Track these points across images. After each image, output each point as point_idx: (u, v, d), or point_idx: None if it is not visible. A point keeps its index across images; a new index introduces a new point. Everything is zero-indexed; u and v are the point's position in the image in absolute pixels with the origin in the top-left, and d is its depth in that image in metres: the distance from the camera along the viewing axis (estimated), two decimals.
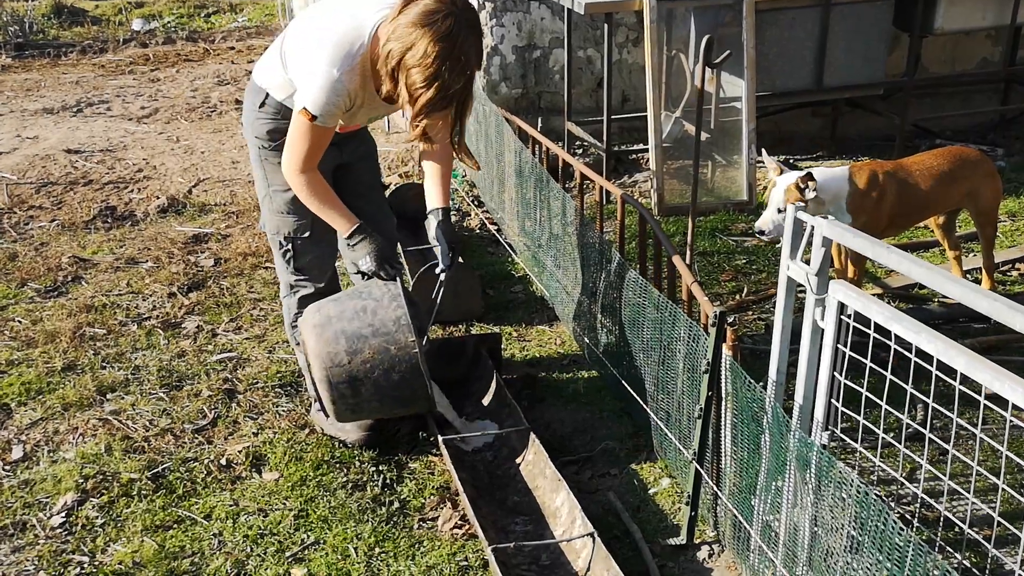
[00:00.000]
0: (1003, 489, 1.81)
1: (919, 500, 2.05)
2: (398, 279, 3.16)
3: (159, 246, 5.39)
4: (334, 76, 2.79)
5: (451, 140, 2.96)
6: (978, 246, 4.47)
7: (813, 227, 2.27)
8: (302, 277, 3.39)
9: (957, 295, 1.84)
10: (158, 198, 6.22)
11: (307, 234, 3.30)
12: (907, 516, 2.18)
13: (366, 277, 3.21)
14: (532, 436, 3.36)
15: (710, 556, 2.86)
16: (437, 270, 3.31)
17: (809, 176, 3.64)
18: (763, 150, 4.11)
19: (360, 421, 3.36)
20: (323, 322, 3.09)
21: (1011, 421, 1.70)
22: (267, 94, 3.12)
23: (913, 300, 4.39)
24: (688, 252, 4.20)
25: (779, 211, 3.76)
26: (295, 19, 3.06)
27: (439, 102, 2.73)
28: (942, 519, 2.02)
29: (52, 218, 5.94)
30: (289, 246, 3.32)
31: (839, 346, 2.23)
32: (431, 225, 3.26)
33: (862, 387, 2.16)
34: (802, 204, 3.34)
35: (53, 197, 6.40)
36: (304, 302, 3.38)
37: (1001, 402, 1.72)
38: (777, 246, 4.76)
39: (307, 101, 2.84)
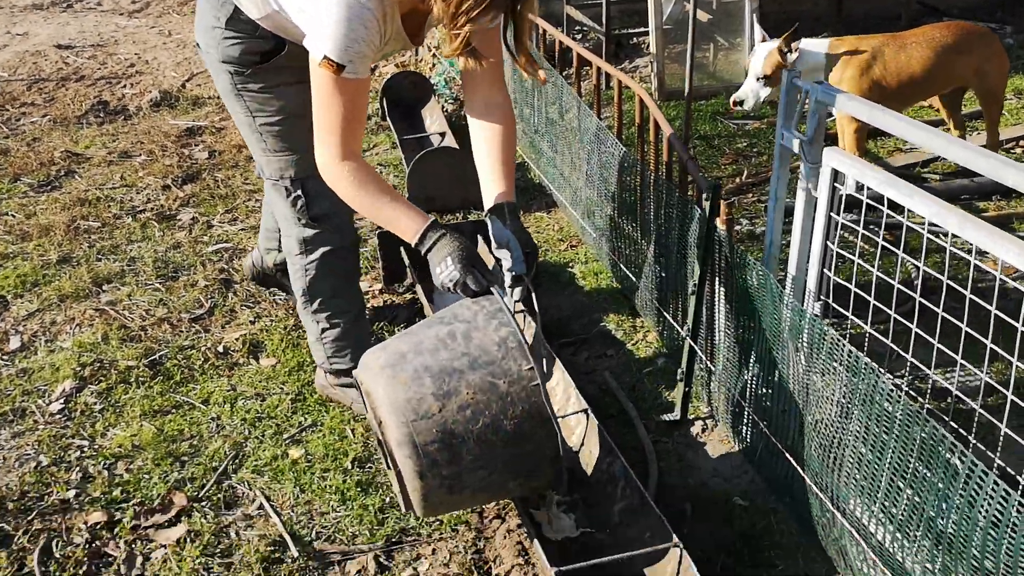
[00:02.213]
0: (992, 350, 1.79)
1: (908, 366, 2.04)
2: (495, 290, 2.29)
3: (152, 140, 5.32)
4: (355, 1, 2.10)
5: (503, 40, 2.22)
6: (983, 124, 4.38)
7: (808, 92, 2.20)
8: (320, 229, 2.76)
9: (953, 156, 1.79)
10: (151, 92, 6.12)
11: None
12: (898, 387, 2.17)
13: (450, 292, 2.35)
14: (528, 319, 3.34)
15: (703, 431, 2.88)
16: (508, 280, 2.36)
17: (793, 37, 3.55)
18: (756, 26, 3.99)
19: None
20: (394, 360, 2.17)
21: (1002, 281, 1.67)
22: (234, 7, 2.47)
23: (914, 180, 4.32)
24: (685, 131, 4.12)
25: (758, 79, 3.72)
26: None
27: None
28: (931, 385, 2.01)
29: (44, 114, 5.86)
30: (299, 191, 2.68)
31: (832, 215, 2.19)
32: (495, 225, 2.38)
33: (855, 263, 2.13)
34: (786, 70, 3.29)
35: (45, 93, 6.30)
36: (329, 259, 2.81)
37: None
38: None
39: (325, 45, 2.12)
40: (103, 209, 4.46)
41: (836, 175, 2.18)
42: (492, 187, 2.43)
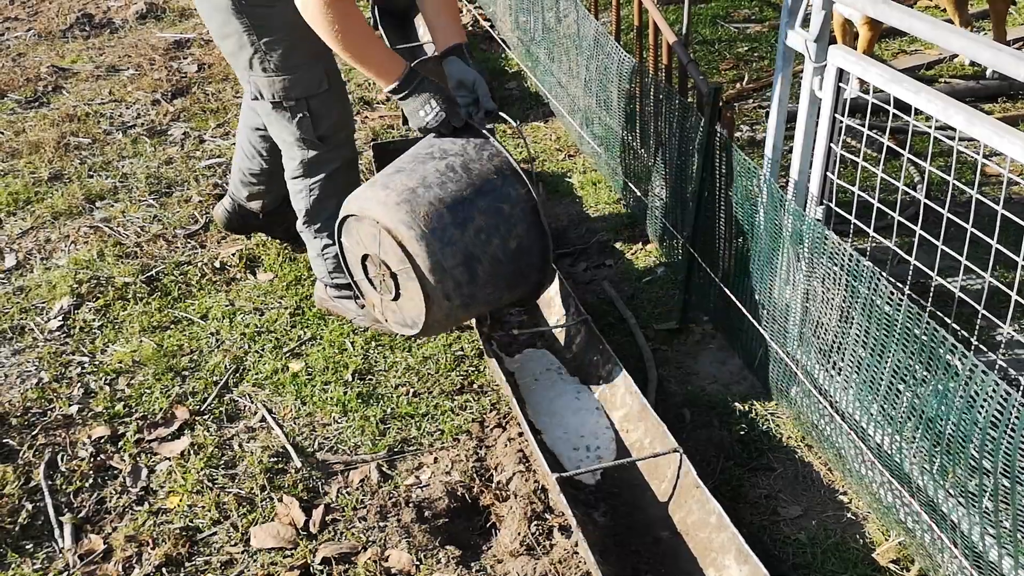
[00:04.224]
0: (997, 250, 1.77)
1: (912, 269, 2.01)
2: (473, 122, 2.48)
3: (140, 53, 5.21)
4: None
5: None
6: (989, 25, 4.27)
7: None
8: (324, 148, 2.75)
9: (959, 47, 1.74)
10: (136, 4, 5.97)
11: (326, 87, 2.66)
12: (899, 290, 2.15)
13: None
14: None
15: (703, 338, 2.88)
16: (479, 115, 2.50)
17: None
18: None
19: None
20: (407, 196, 2.33)
21: (1009, 178, 1.64)
22: None
23: (920, 81, 4.23)
24: (685, 36, 4.02)
25: None
26: None
27: None
28: (933, 287, 1.98)
29: (28, 28, 5.72)
30: (304, 111, 2.65)
31: (836, 116, 2.14)
32: (457, 65, 2.50)
33: (859, 165, 2.08)
34: None
35: (28, 7, 6.14)
36: (333, 178, 2.80)
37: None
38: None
39: None
40: (93, 125, 4.39)
41: (840, 75, 2.12)
42: (446, 31, 2.51)
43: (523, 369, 2.83)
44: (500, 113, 2.53)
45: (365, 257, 2.51)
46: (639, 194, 3.33)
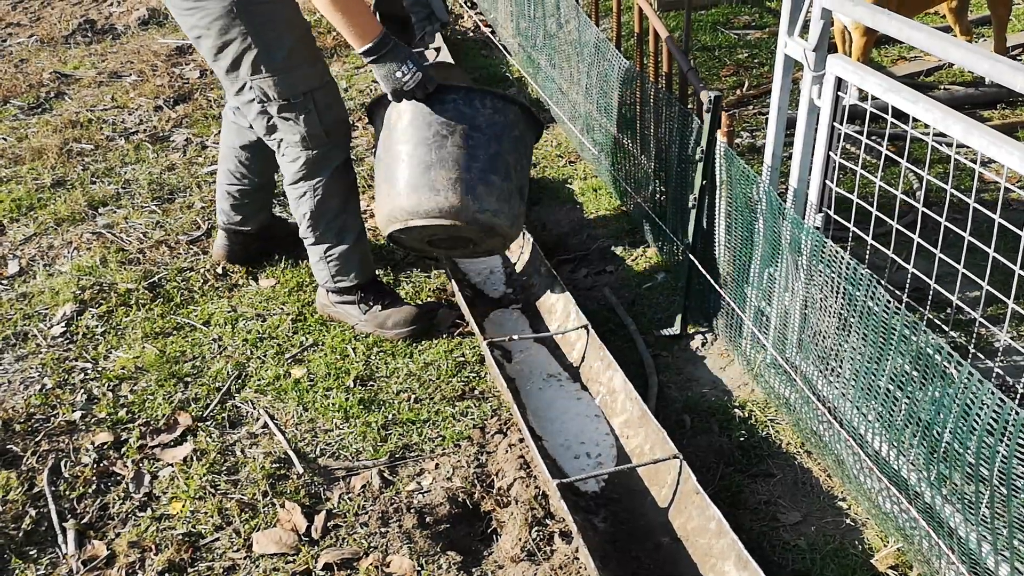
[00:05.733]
0: (994, 258, 1.78)
1: (910, 277, 2.03)
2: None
3: (142, 59, 5.23)
4: None
5: None
6: (990, 31, 4.29)
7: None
8: (327, 146, 2.80)
9: (958, 58, 1.75)
10: (138, 10, 5.99)
11: (328, 79, 2.76)
12: (897, 298, 2.16)
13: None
14: (527, 236, 3.33)
15: (703, 345, 2.89)
16: (434, 27, 3.15)
17: None
18: None
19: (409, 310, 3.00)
20: (460, 188, 2.67)
21: (1006, 188, 1.65)
22: None
23: (919, 89, 4.25)
24: (685, 42, 4.04)
25: None
26: None
27: None
28: (931, 295, 2.00)
29: (31, 34, 5.74)
30: (311, 105, 2.71)
31: (835, 124, 2.16)
32: None
33: (858, 173, 2.10)
34: None
35: (30, 13, 6.17)
36: (335, 176, 2.86)
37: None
38: None
39: None
40: (95, 131, 4.41)
41: (839, 83, 2.14)
42: None
43: (524, 375, 2.84)
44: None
45: (430, 240, 2.89)
46: (639, 200, 3.34)
